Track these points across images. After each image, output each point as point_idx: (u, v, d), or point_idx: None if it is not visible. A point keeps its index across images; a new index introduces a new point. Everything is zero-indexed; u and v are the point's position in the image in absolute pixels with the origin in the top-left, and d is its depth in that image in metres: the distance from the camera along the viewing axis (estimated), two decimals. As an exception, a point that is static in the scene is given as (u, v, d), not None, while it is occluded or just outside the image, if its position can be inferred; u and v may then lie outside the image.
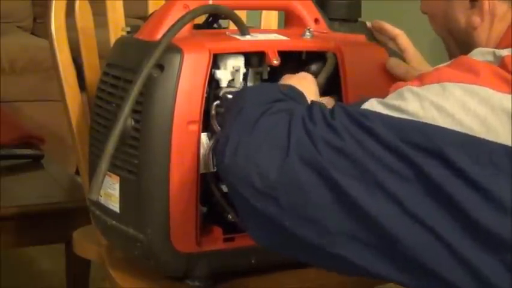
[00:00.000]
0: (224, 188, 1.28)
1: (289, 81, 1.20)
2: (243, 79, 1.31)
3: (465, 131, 0.95)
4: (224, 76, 1.28)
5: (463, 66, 1.01)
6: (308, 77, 1.25)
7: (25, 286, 2.57)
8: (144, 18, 1.41)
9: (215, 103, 1.28)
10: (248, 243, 1.26)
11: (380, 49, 1.38)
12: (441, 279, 0.97)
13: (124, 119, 1.20)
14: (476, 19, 1.11)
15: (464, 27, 1.13)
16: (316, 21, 1.42)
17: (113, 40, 1.52)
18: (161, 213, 1.25)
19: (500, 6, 1.10)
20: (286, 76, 1.23)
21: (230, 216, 1.30)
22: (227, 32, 1.37)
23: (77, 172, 1.80)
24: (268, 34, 1.37)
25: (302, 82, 1.20)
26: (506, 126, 0.95)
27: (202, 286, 1.31)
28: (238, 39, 1.32)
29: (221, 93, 1.28)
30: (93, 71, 1.58)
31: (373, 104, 1.02)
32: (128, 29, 1.39)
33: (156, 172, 1.24)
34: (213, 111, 1.28)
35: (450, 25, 1.15)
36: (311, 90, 1.20)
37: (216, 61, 1.28)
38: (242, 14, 1.54)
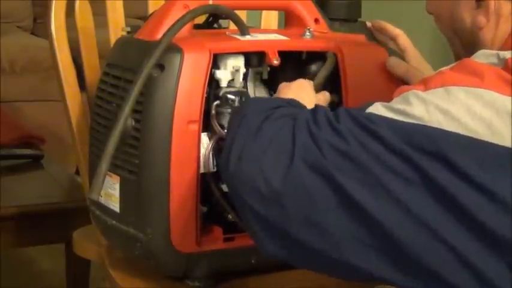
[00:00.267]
0: (224, 188, 1.28)
1: (287, 91, 1.19)
2: (243, 79, 1.31)
3: (470, 135, 0.95)
4: (224, 76, 1.28)
5: (467, 69, 1.01)
6: (304, 85, 1.24)
7: (25, 286, 2.57)
8: (144, 18, 1.41)
9: (215, 103, 1.28)
10: (248, 243, 1.26)
11: (380, 49, 1.38)
12: (445, 282, 0.96)
13: (124, 119, 1.20)
14: (482, 19, 1.11)
15: (469, 27, 1.13)
16: (316, 21, 1.41)
17: (113, 40, 1.52)
18: (161, 213, 1.25)
19: (506, 6, 1.10)
20: (282, 85, 1.22)
21: (230, 216, 1.30)
22: (227, 32, 1.37)
23: (77, 172, 1.80)
24: (268, 34, 1.37)
25: (300, 93, 1.19)
26: (510, 129, 0.95)
27: (202, 286, 1.31)
28: (238, 39, 1.32)
29: (221, 93, 1.29)
30: (93, 71, 1.58)
31: (378, 108, 1.02)
32: (128, 29, 1.39)
33: (156, 172, 1.24)
34: (213, 111, 1.28)
35: (456, 25, 1.15)
36: (310, 99, 1.20)
37: (216, 61, 1.28)
38: (242, 14, 1.54)
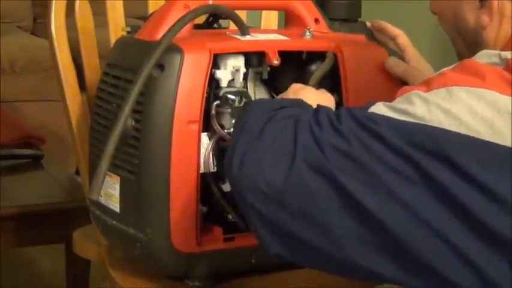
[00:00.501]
0: (224, 188, 1.28)
1: (307, 95, 1.18)
2: (243, 79, 1.31)
3: (471, 134, 0.95)
4: (224, 76, 1.28)
5: (468, 69, 1.01)
6: (303, 87, 1.23)
7: (25, 286, 2.56)
8: (144, 18, 1.41)
9: (215, 103, 1.28)
10: (248, 243, 1.27)
11: (380, 49, 1.38)
12: (446, 280, 0.97)
13: (124, 119, 1.20)
14: (485, 19, 1.11)
15: (473, 26, 1.13)
16: (316, 21, 1.41)
17: (113, 40, 1.52)
18: (161, 213, 1.25)
19: (508, 6, 1.10)
20: (297, 86, 1.22)
21: (230, 216, 1.30)
22: (227, 32, 1.37)
23: (77, 172, 1.80)
24: (268, 34, 1.37)
25: (318, 94, 1.20)
26: (511, 128, 0.95)
27: (202, 286, 1.31)
28: (238, 39, 1.32)
29: (221, 93, 1.29)
30: (93, 71, 1.58)
31: (379, 108, 1.02)
32: (128, 29, 1.39)
33: (156, 172, 1.24)
34: (213, 111, 1.28)
35: (459, 25, 1.15)
36: (330, 101, 1.20)
37: (216, 61, 1.28)
38: (242, 14, 1.54)
